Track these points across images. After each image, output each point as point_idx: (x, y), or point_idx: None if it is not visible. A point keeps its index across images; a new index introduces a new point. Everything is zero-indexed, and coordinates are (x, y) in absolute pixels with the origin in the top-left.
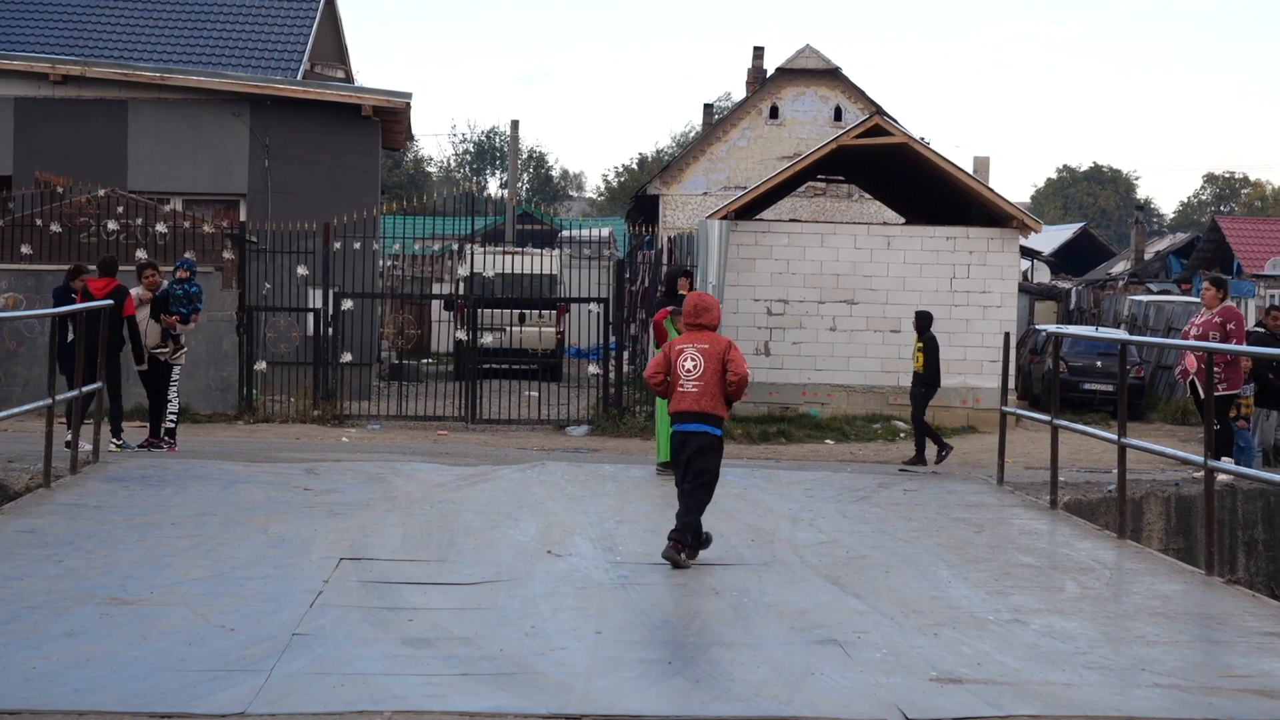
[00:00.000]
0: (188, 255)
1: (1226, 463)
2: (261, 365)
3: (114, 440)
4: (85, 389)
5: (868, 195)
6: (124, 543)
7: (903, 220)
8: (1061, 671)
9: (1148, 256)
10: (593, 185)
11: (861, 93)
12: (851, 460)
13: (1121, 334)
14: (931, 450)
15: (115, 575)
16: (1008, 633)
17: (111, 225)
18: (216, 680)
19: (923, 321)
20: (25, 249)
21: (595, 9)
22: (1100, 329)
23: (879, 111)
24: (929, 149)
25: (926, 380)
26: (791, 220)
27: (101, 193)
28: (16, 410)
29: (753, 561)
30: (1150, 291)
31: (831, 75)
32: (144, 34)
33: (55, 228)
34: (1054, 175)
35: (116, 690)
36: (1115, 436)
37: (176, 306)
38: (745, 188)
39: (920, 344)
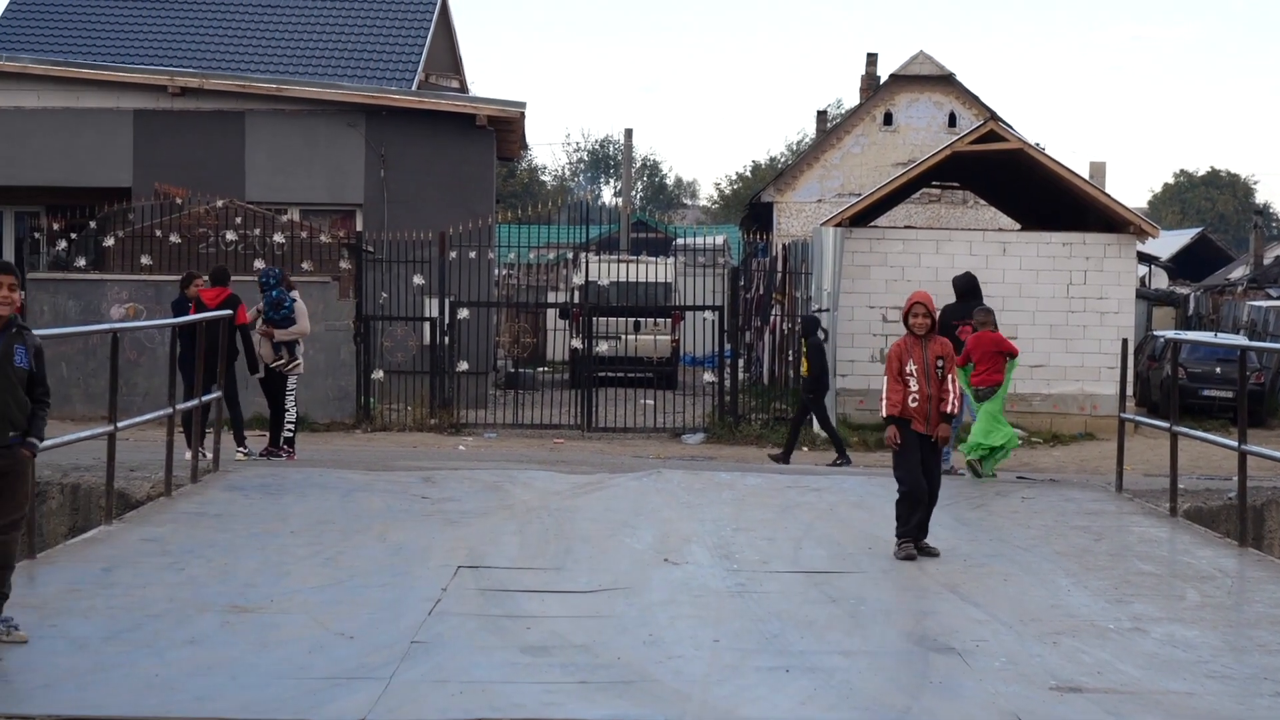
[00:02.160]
0: (264, 266)
1: None
2: (379, 374)
3: (239, 449)
4: (204, 398)
5: (983, 201)
6: (244, 551)
7: (1018, 226)
8: (1182, 680)
9: (1267, 261)
10: (707, 193)
11: (975, 98)
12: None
13: (1241, 339)
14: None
15: (236, 583)
16: (1128, 641)
17: (230, 236)
18: (337, 688)
19: (808, 326)
20: (145, 260)
21: (709, 17)
22: (1219, 335)
23: (993, 117)
24: (1044, 155)
25: (812, 385)
26: (906, 227)
27: (220, 204)
28: (138, 420)
29: (870, 569)
30: (1270, 297)
31: (945, 81)
32: (261, 46)
33: (174, 238)
34: (1171, 180)
35: (237, 698)
36: (1235, 443)
37: (269, 315)
38: (859, 195)
39: (805, 348)
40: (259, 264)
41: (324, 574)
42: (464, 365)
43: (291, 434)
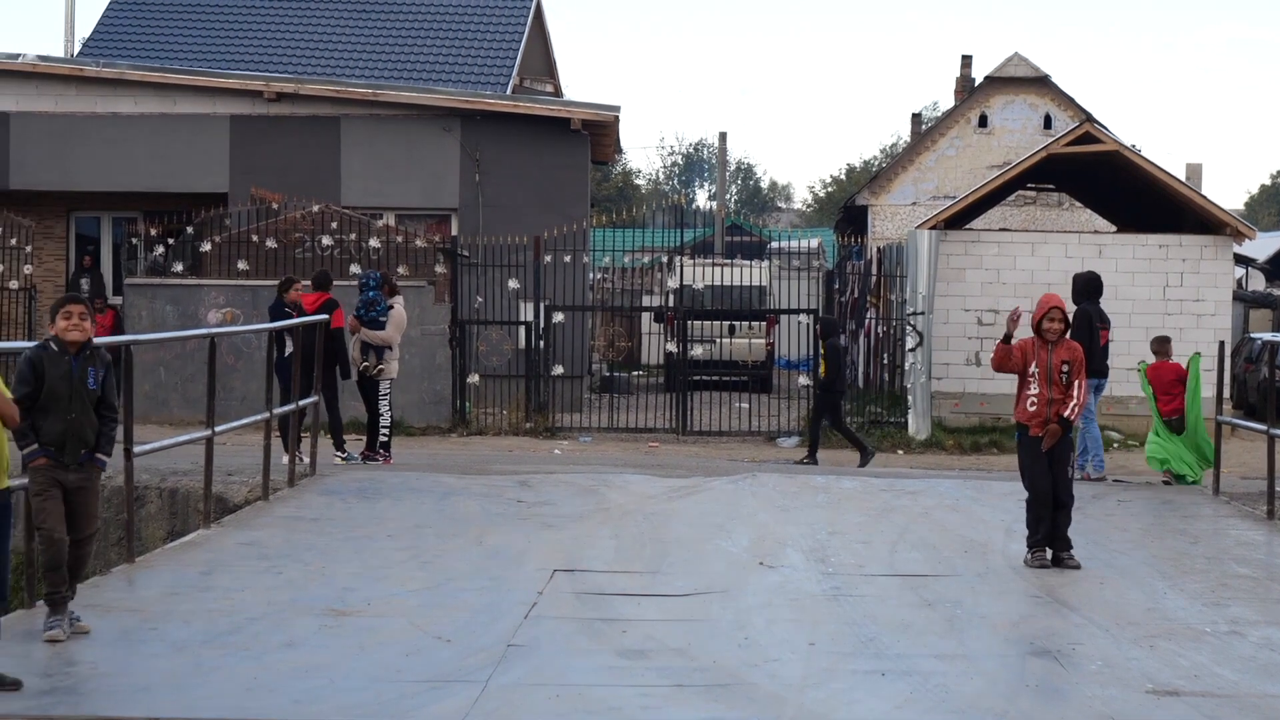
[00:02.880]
0: (363, 270)
1: None
2: (474, 378)
3: (338, 454)
4: (301, 402)
5: (1078, 204)
6: (341, 555)
7: (1114, 228)
8: None
9: None
10: (801, 196)
11: (1071, 100)
12: None
13: None
14: (821, 452)
15: (333, 587)
16: (1225, 645)
17: (326, 241)
18: (434, 691)
19: (826, 328)
20: (242, 264)
21: (802, 21)
22: None
23: (1089, 119)
24: (1140, 156)
25: (826, 385)
26: (1001, 229)
27: (316, 208)
28: (235, 424)
29: (965, 573)
30: None
31: (1040, 83)
32: (356, 51)
33: (270, 243)
34: (1268, 181)
35: (336, 700)
36: None
37: (360, 313)
38: (954, 197)
39: (822, 351)
40: (355, 269)
41: (420, 578)
42: (559, 369)
43: (387, 438)
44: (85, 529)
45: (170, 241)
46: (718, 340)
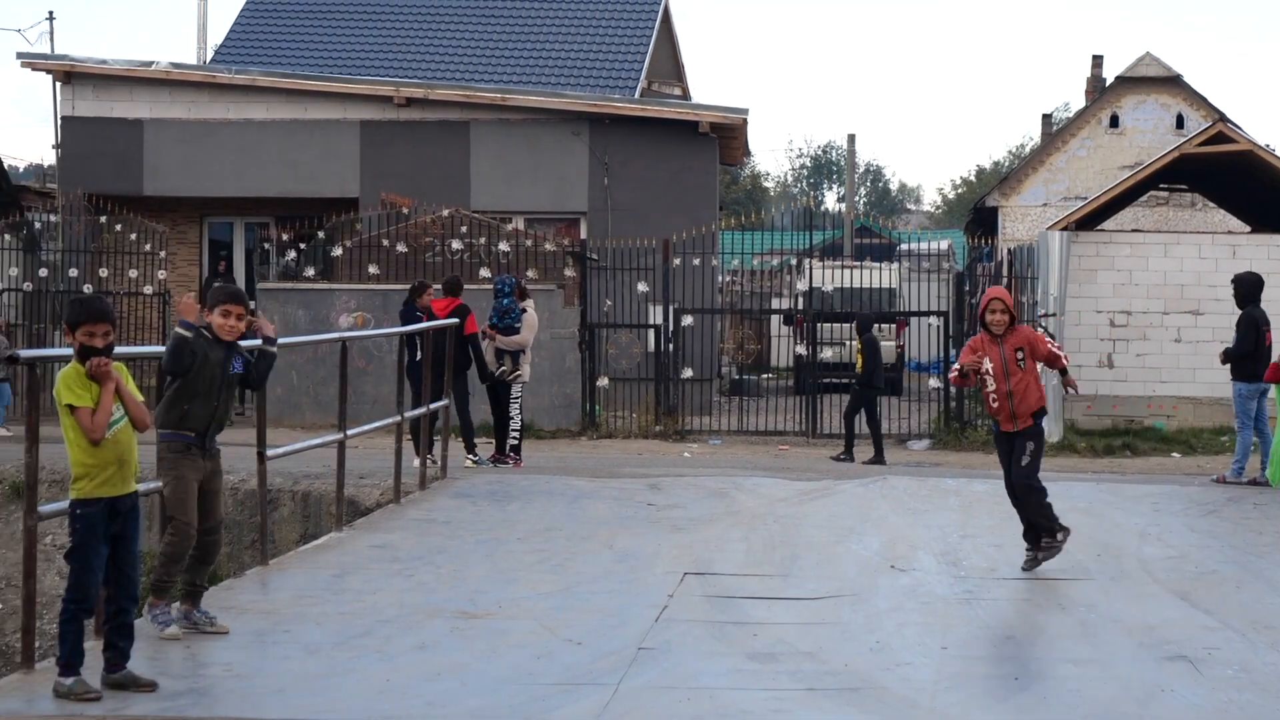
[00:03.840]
0: (498, 274)
1: None
2: (604, 381)
3: (469, 457)
4: (432, 406)
5: (1211, 204)
6: (472, 558)
7: (1248, 229)
8: None
9: None
10: (930, 198)
11: (1203, 99)
12: (1199, 474)
13: None
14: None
15: (464, 589)
16: None
17: (455, 245)
18: (565, 694)
19: (861, 323)
20: (373, 269)
21: (931, 21)
22: None
23: (1221, 118)
24: (1274, 155)
25: (863, 380)
26: (1134, 230)
27: (445, 213)
28: (367, 427)
29: (1099, 576)
30: None
31: (1172, 82)
32: (485, 56)
33: (401, 248)
34: None
35: (467, 703)
36: None
37: (494, 321)
38: (1085, 198)
39: (860, 345)
40: (484, 272)
41: (551, 580)
42: (688, 372)
43: (517, 441)
44: (215, 516)
45: (302, 246)
46: (847, 342)
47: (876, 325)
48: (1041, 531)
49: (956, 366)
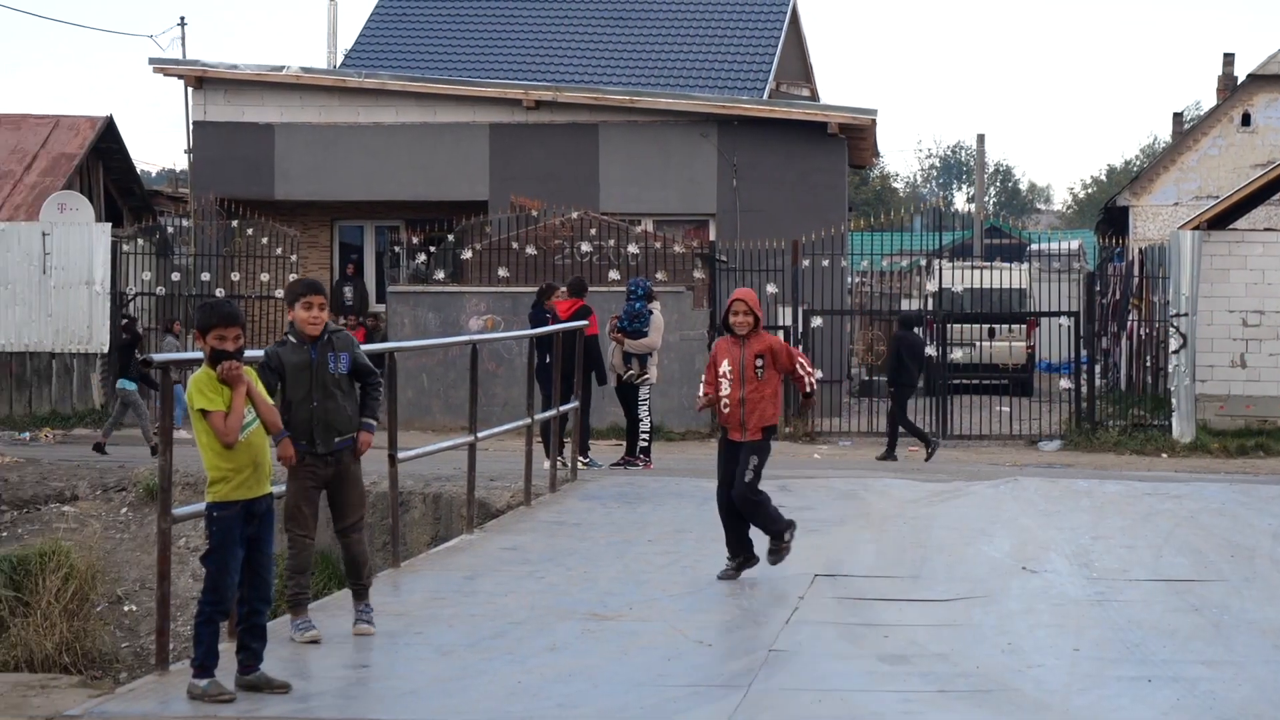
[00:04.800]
0: (635, 278)
1: None
2: None
3: (581, 459)
4: (562, 408)
5: None
6: (603, 559)
7: None
8: None
9: None
10: (1060, 198)
11: None
12: None
13: None
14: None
15: (595, 591)
16: None
17: (585, 247)
18: (696, 695)
19: (903, 321)
20: (502, 272)
21: (1061, 20)
22: None
23: None
24: None
25: (892, 379)
26: (1267, 229)
27: (575, 215)
28: (497, 430)
29: (1232, 578)
30: None
31: None
32: (613, 58)
33: (530, 250)
34: None
35: (598, 705)
36: None
37: (624, 324)
38: (1217, 197)
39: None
40: (614, 275)
41: (681, 582)
42: (818, 373)
43: (647, 443)
44: (349, 517)
45: (432, 249)
46: (977, 343)
47: (1007, 325)
48: (772, 536)
49: (700, 395)
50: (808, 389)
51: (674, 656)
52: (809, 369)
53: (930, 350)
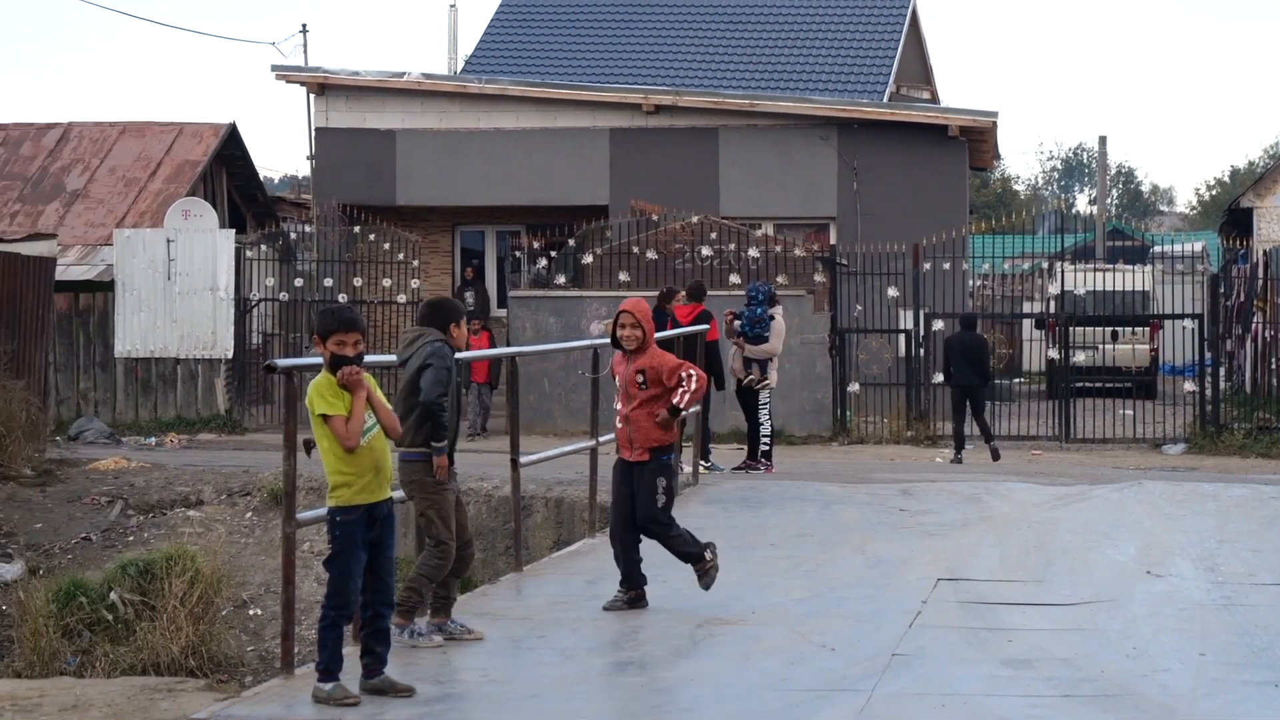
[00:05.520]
0: (754, 282)
1: None
2: (854, 387)
3: (702, 463)
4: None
5: None
6: (724, 563)
7: None
8: None
9: None
10: (1184, 199)
11: None
12: None
13: None
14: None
15: (717, 595)
16: None
17: (705, 251)
18: (819, 700)
19: (964, 322)
20: (623, 276)
21: (1183, 19)
22: None
23: None
24: None
25: (951, 378)
26: None
27: (695, 219)
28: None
29: None
30: None
31: None
32: (732, 62)
33: (651, 255)
34: None
35: (721, 709)
36: None
37: (745, 329)
38: None
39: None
40: (734, 278)
41: (804, 586)
42: (939, 377)
43: (768, 447)
44: (468, 529)
45: (552, 254)
46: (1100, 346)
47: (1130, 328)
48: (691, 561)
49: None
50: (677, 402)
51: (797, 661)
52: (691, 388)
53: (1053, 353)
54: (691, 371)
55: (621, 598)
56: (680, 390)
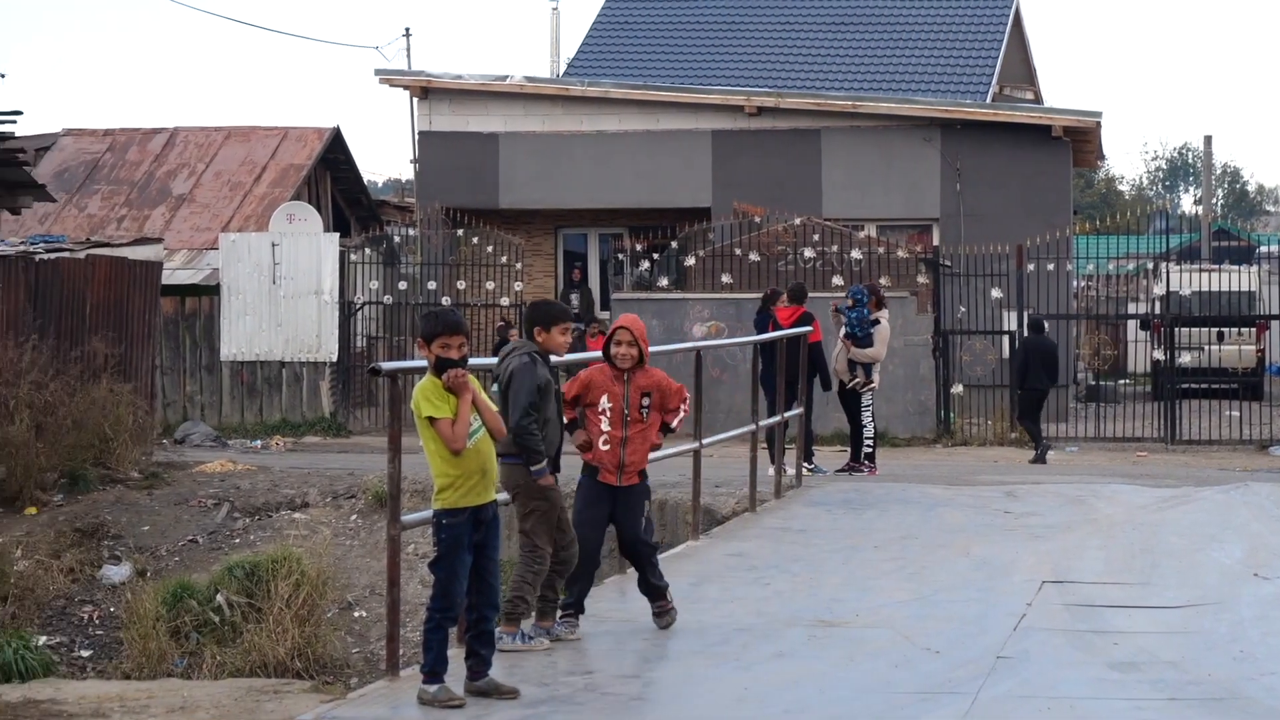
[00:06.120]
0: (856, 285)
1: None
2: (958, 388)
3: (805, 465)
4: (786, 414)
5: None
6: (828, 565)
7: None
8: None
9: None
10: None
11: None
12: None
13: None
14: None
15: (821, 598)
16: None
17: (808, 253)
18: (923, 703)
19: (1031, 326)
20: (725, 278)
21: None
22: None
23: None
24: None
25: (1018, 382)
26: None
27: (797, 221)
28: (721, 436)
29: None
30: None
31: None
32: (835, 63)
33: (753, 256)
34: None
35: (825, 711)
36: None
37: (850, 331)
38: None
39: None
40: (837, 280)
41: (908, 589)
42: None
43: (871, 449)
44: (570, 532)
45: (655, 256)
46: (1206, 347)
47: (1236, 329)
48: (655, 596)
49: (580, 432)
50: (673, 424)
51: (901, 663)
52: (687, 410)
53: (1158, 354)
54: (687, 395)
55: (574, 622)
56: (676, 412)
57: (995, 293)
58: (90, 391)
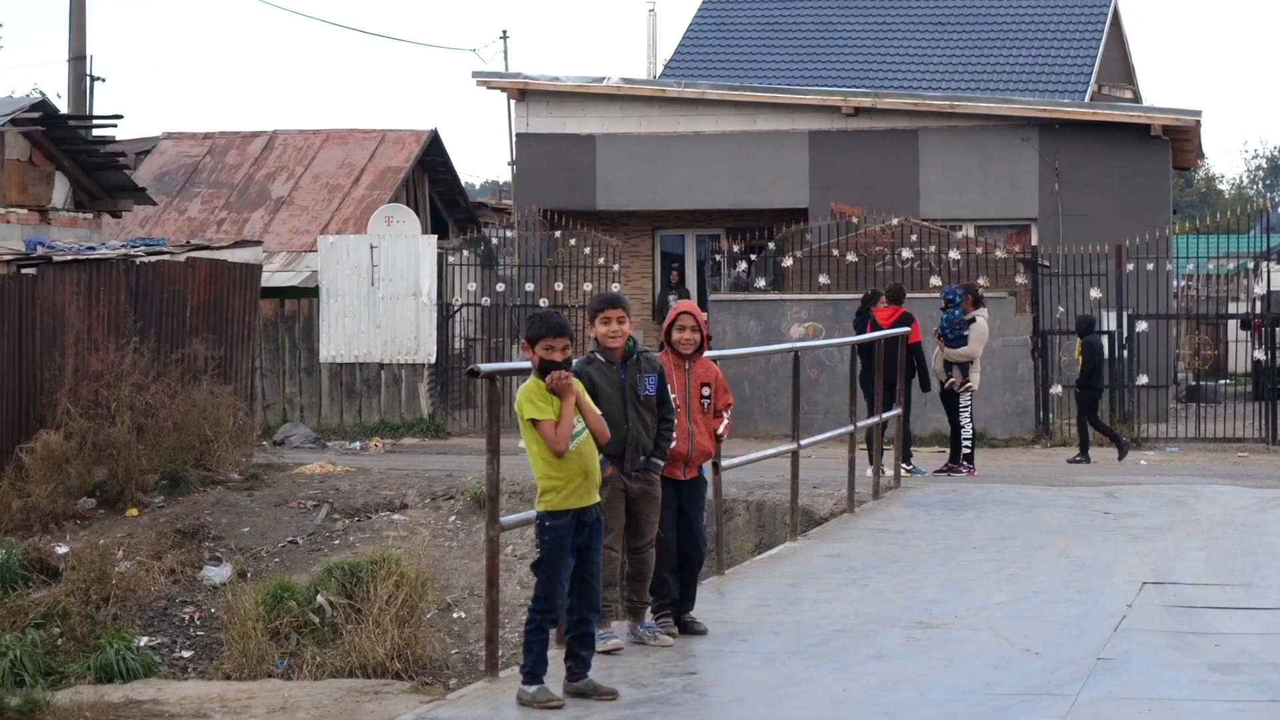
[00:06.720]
0: (949, 285)
1: None
2: (1057, 389)
3: (904, 465)
4: (885, 415)
5: None
6: (927, 567)
7: None
8: None
9: None
10: None
11: None
12: None
13: None
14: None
15: (919, 599)
16: None
17: (905, 253)
18: (1023, 704)
19: (1082, 326)
20: (823, 279)
21: None
22: None
23: None
24: None
25: (1084, 382)
26: None
27: (895, 221)
28: (819, 437)
29: None
30: None
31: None
32: (932, 63)
33: (850, 257)
34: None
35: (924, 713)
36: None
37: (944, 332)
38: None
39: (1079, 348)
40: (935, 280)
41: (1007, 590)
42: (1143, 379)
43: (970, 450)
44: (646, 535)
45: (752, 257)
46: None
47: None
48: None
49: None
50: (722, 432)
51: (1001, 664)
52: (730, 419)
53: (1259, 354)
54: (733, 400)
55: (669, 622)
56: (722, 418)
57: (1094, 293)
58: (190, 393)
